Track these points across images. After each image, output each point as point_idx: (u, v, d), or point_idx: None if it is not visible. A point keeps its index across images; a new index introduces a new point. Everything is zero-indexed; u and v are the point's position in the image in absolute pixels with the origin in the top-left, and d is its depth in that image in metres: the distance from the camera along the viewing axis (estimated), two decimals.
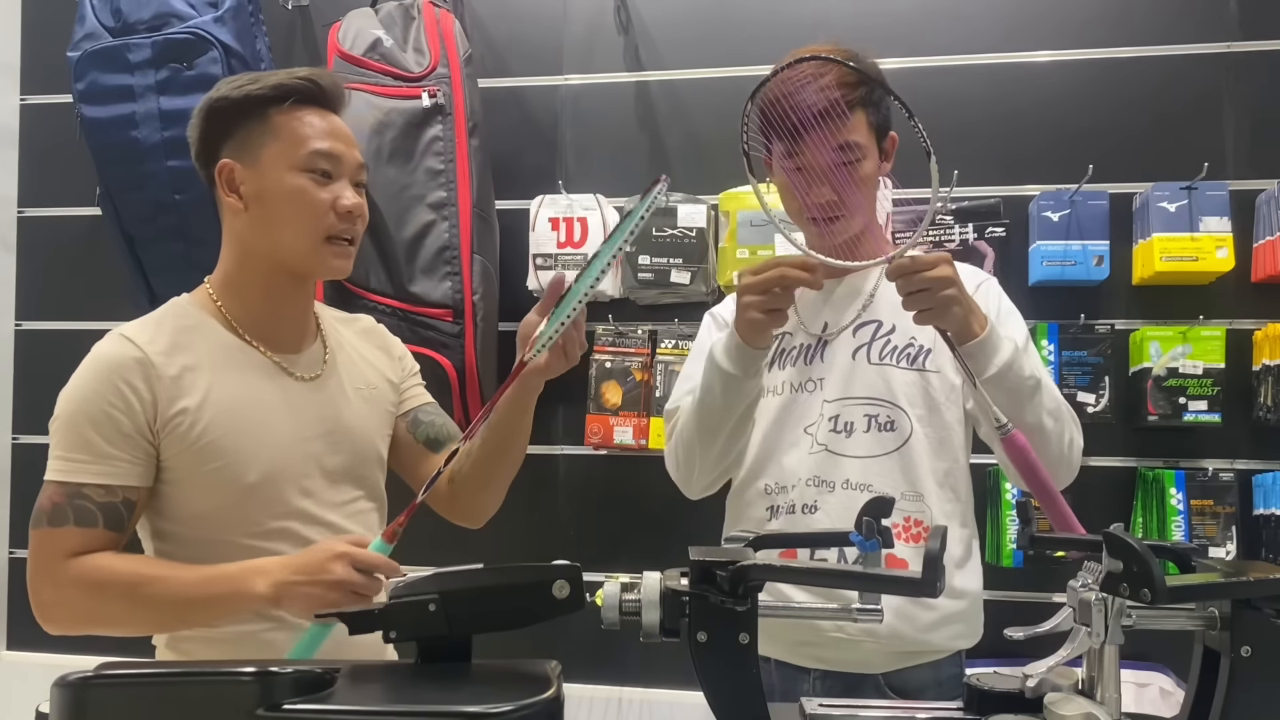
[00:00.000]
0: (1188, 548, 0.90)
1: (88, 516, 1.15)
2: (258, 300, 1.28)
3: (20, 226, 2.50)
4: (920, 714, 0.92)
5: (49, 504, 1.17)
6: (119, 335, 1.22)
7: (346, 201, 1.23)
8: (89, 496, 1.16)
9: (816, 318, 1.44)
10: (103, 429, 1.15)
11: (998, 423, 1.16)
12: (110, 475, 1.16)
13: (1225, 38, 2.09)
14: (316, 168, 1.22)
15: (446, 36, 2.08)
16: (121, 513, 1.17)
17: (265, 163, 1.22)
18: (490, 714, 0.62)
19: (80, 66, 2.04)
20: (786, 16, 2.22)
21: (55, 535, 1.15)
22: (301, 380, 1.29)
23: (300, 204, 1.22)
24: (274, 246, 1.24)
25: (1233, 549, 1.98)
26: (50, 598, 1.16)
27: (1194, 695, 0.84)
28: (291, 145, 1.22)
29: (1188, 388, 1.99)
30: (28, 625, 2.47)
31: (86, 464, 1.16)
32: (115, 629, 1.17)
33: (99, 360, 1.19)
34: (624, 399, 2.16)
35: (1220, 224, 1.98)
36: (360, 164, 1.28)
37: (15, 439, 2.47)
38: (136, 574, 1.14)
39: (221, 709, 0.64)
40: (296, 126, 1.23)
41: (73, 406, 1.17)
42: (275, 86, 1.22)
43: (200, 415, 1.18)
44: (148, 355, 1.18)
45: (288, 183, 1.21)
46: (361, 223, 1.27)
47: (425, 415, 1.43)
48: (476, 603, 0.78)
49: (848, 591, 0.97)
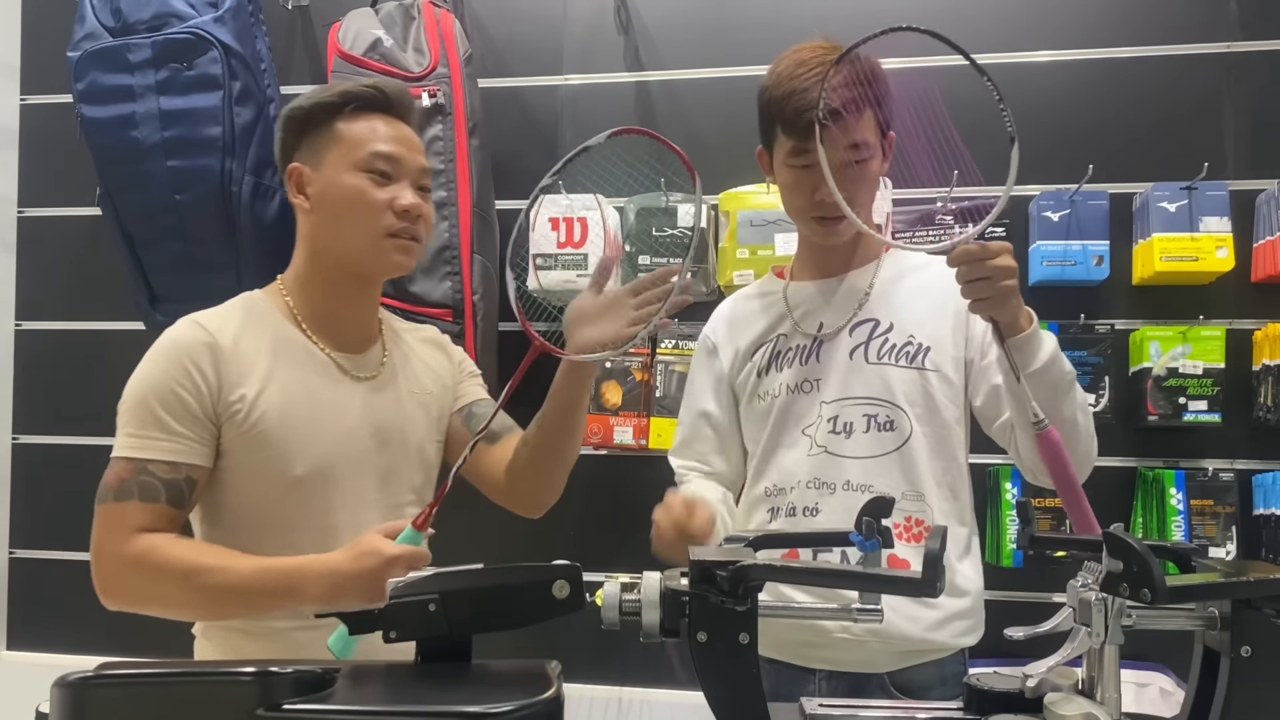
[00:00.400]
0: (1188, 548, 0.90)
1: (151, 492, 1.19)
2: (323, 298, 1.33)
3: (20, 226, 2.50)
4: (920, 714, 0.92)
5: (115, 480, 1.20)
6: (191, 320, 1.26)
7: (404, 200, 1.28)
8: (154, 473, 1.19)
9: (813, 318, 1.43)
10: (170, 408, 1.19)
11: (1035, 418, 1.15)
12: (175, 453, 1.20)
13: (1225, 38, 2.09)
14: (375, 169, 1.27)
15: (446, 36, 2.08)
16: (183, 490, 1.21)
17: (328, 165, 1.28)
18: (490, 714, 0.62)
19: (80, 66, 2.04)
20: (786, 16, 2.22)
21: (119, 510, 1.19)
22: (358, 380, 1.33)
23: (359, 203, 1.27)
24: (336, 244, 1.30)
25: (1233, 549, 1.98)
26: (111, 574, 1.20)
27: (1194, 695, 0.84)
28: (352, 148, 1.28)
29: (1188, 388, 1.99)
30: (28, 625, 2.47)
31: (153, 441, 1.19)
32: (169, 612, 1.21)
33: (170, 343, 1.23)
34: (624, 399, 2.16)
35: (1220, 224, 1.98)
36: (423, 168, 1.33)
37: (15, 439, 2.47)
38: (193, 562, 1.17)
39: (221, 709, 0.64)
40: (358, 131, 1.29)
41: (143, 387, 1.21)
42: (341, 94, 1.30)
43: (256, 405, 1.23)
44: (216, 340, 1.23)
45: (347, 183, 1.27)
46: (423, 223, 1.32)
47: (479, 409, 1.45)
48: (476, 603, 0.78)
49: (848, 591, 0.98)
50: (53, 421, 2.46)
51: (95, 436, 2.41)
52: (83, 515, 1.26)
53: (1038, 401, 1.17)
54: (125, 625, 2.32)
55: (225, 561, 1.18)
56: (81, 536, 1.26)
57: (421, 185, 1.32)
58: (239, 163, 2.03)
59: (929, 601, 1.30)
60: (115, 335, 2.43)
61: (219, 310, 1.30)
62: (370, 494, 1.31)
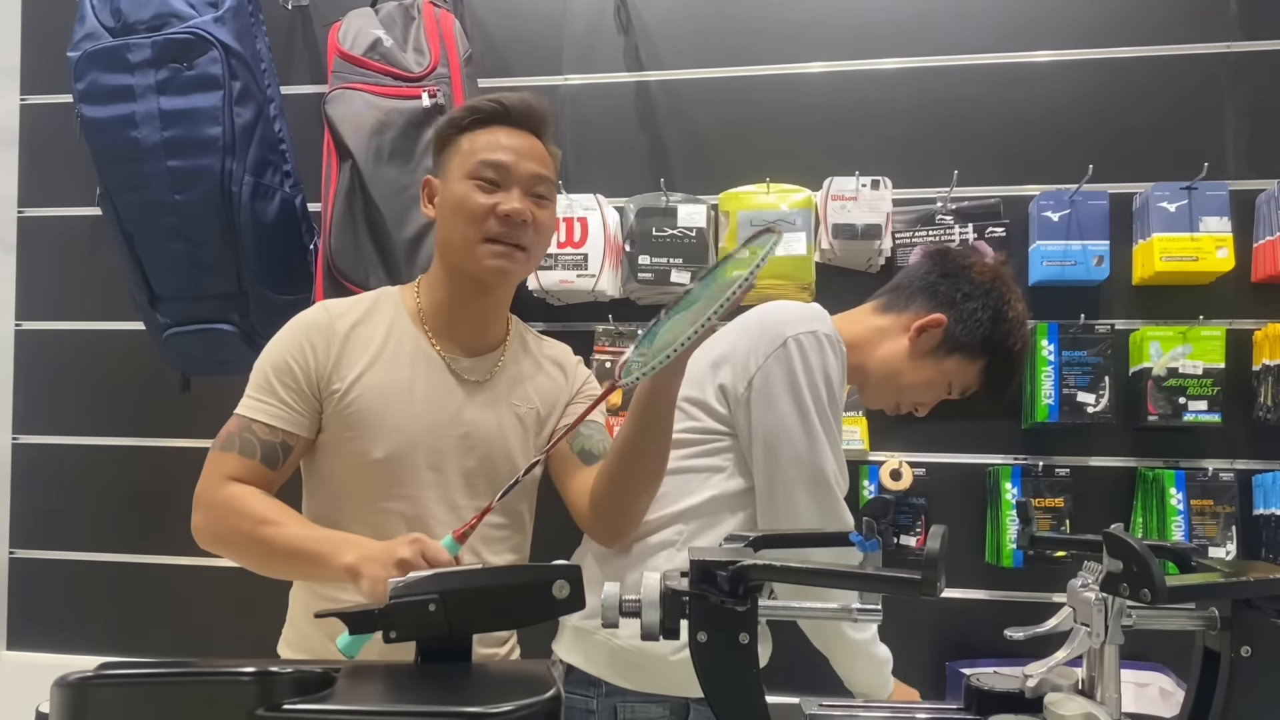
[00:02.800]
0: (1188, 548, 0.90)
1: (250, 448, 1.30)
2: (444, 299, 1.40)
3: (20, 226, 2.50)
4: (920, 714, 0.92)
5: (225, 433, 1.33)
6: (321, 305, 1.39)
7: (506, 206, 1.31)
8: (255, 432, 1.31)
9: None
10: (281, 377, 1.32)
11: None
12: (276, 417, 1.31)
13: (1225, 38, 2.09)
14: (483, 176, 1.33)
15: (446, 36, 2.08)
16: (278, 453, 1.32)
17: (448, 175, 1.37)
18: (490, 714, 0.62)
19: (80, 66, 2.03)
20: (786, 17, 2.22)
21: (220, 458, 1.31)
22: (465, 381, 1.38)
23: (462, 208, 1.33)
24: (447, 248, 1.37)
25: (1233, 549, 1.98)
26: (203, 513, 1.30)
27: (1194, 695, 0.84)
28: (466, 158, 1.35)
29: (1188, 388, 1.99)
30: (28, 625, 2.47)
31: (261, 404, 1.32)
32: (239, 559, 1.30)
33: (297, 321, 1.37)
34: (624, 399, 2.16)
35: (1220, 224, 1.98)
36: (535, 175, 1.35)
37: (15, 439, 2.47)
38: (263, 515, 1.25)
39: (221, 709, 0.64)
40: (476, 142, 1.36)
41: (267, 355, 1.35)
42: (467, 108, 1.38)
43: (354, 387, 1.32)
44: (335, 324, 1.35)
45: (456, 189, 1.34)
46: (531, 230, 1.34)
47: (585, 429, 1.45)
48: (476, 603, 0.78)
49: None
50: (53, 421, 2.45)
51: (95, 436, 2.41)
52: (83, 515, 1.26)
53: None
54: (125, 625, 2.33)
55: (285, 519, 1.26)
56: (82, 536, 1.26)
57: (538, 194, 1.35)
58: (239, 163, 2.03)
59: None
60: (115, 335, 2.43)
61: (351, 299, 1.41)
62: (452, 492, 1.35)
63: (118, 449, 2.39)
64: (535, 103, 1.40)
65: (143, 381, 2.38)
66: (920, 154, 2.15)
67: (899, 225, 2.12)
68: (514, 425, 1.41)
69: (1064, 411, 2.01)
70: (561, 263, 2.12)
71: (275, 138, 2.10)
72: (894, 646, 1.49)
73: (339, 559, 1.18)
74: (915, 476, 2.08)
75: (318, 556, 1.21)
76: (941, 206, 2.11)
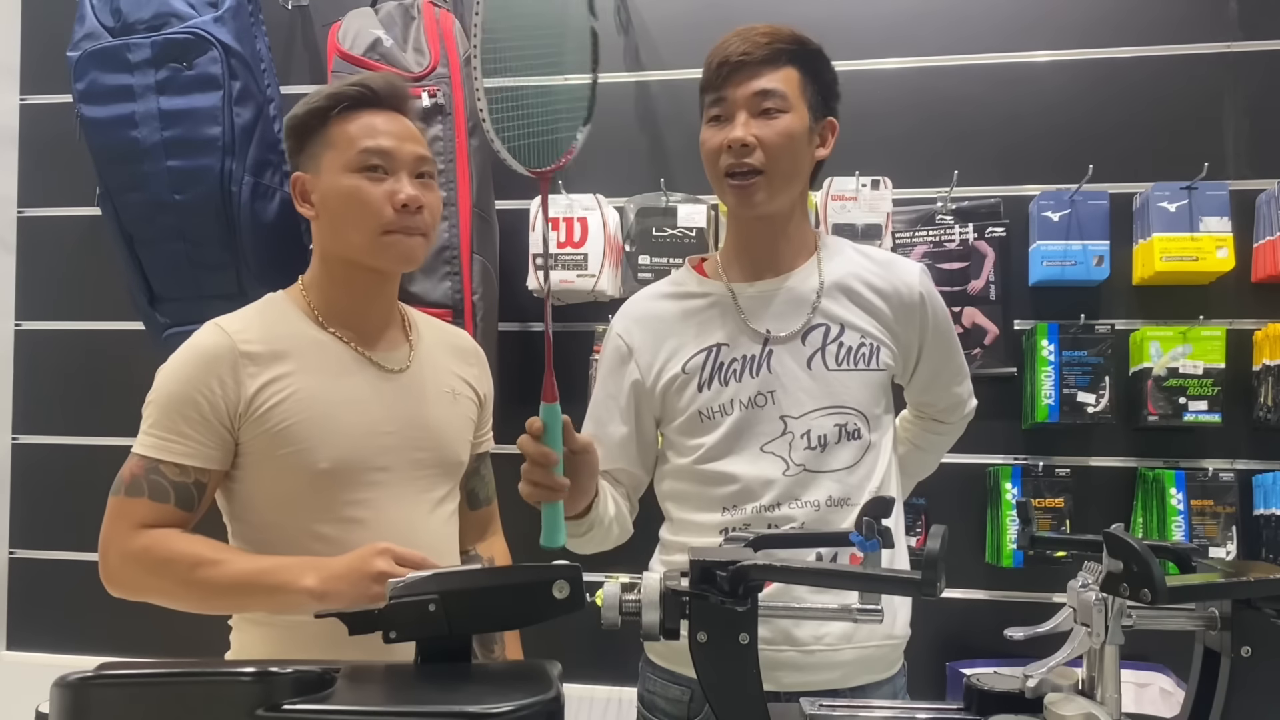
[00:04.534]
0: (1188, 548, 0.90)
1: (160, 492, 1.21)
2: (342, 296, 1.32)
3: (20, 226, 2.50)
4: (920, 714, 0.92)
5: (128, 475, 1.23)
6: (215, 325, 1.27)
7: (401, 195, 1.26)
8: (164, 474, 1.22)
9: (758, 325, 1.34)
10: (186, 413, 1.22)
11: None
12: (186, 455, 1.22)
13: (1225, 38, 2.09)
14: (368, 165, 1.26)
15: (446, 36, 2.08)
16: (193, 493, 1.23)
17: (324, 169, 1.28)
18: (490, 714, 0.62)
19: (80, 66, 2.03)
20: (786, 17, 2.21)
21: (129, 504, 1.22)
22: (388, 372, 1.33)
23: (356, 203, 1.26)
24: (343, 247, 1.29)
25: (1233, 549, 1.98)
26: (115, 564, 1.22)
27: (1194, 695, 0.84)
28: (343, 148, 1.27)
29: (1188, 388, 1.99)
30: (28, 625, 2.47)
31: (166, 442, 1.22)
32: (170, 604, 1.22)
33: (194, 348, 1.26)
34: None
35: (1220, 224, 1.98)
36: (419, 156, 1.30)
37: (15, 439, 2.47)
38: (196, 555, 1.18)
39: (221, 709, 0.64)
40: (349, 130, 1.27)
41: (164, 388, 1.24)
42: (329, 96, 1.28)
43: (280, 403, 1.24)
44: (238, 345, 1.24)
45: (343, 184, 1.26)
46: (427, 213, 1.30)
47: (484, 468, 1.48)
48: (476, 603, 0.78)
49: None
50: (53, 421, 2.46)
51: (95, 436, 2.41)
52: (83, 515, 1.26)
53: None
54: (125, 625, 2.33)
55: (223, 555, 1.19)
56: (81, 536, 1.27)
57: (422, 174, 1.30)
58: (239, 163, 2.03)
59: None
60: (115, 335, 2.43)
61: (242, 313, 1.31)
62: (405, 488, 1.31)
63: (118, 449, 2.37)
64: (397, 82, 1.33)
65: (143, 381, 2.36)
66: (920, 154, 2.15)
67: (899, 225, 2.12)
68: (450, 411, 1.37)
69: (1064, 411, 2.01)
70: (561, 263, 2.12)
71: (275, 138, 2.10)
72: None
73: (299, 584, 1.13)
74: None
75: (273, 587, 1.15)
76: (941, 206, 2.10)
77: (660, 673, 1.37)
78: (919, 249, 2.10)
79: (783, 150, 1.28)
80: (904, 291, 1.35)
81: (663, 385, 1.36)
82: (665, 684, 1.36)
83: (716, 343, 1.34)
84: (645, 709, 1.40)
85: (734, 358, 1.33)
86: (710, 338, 1.34)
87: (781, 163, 1.28)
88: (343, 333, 1.31)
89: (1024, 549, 1.02)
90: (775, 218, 1.34)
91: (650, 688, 1.39)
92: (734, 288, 1.36)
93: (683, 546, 1.34)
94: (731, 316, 1.35)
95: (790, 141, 1.28)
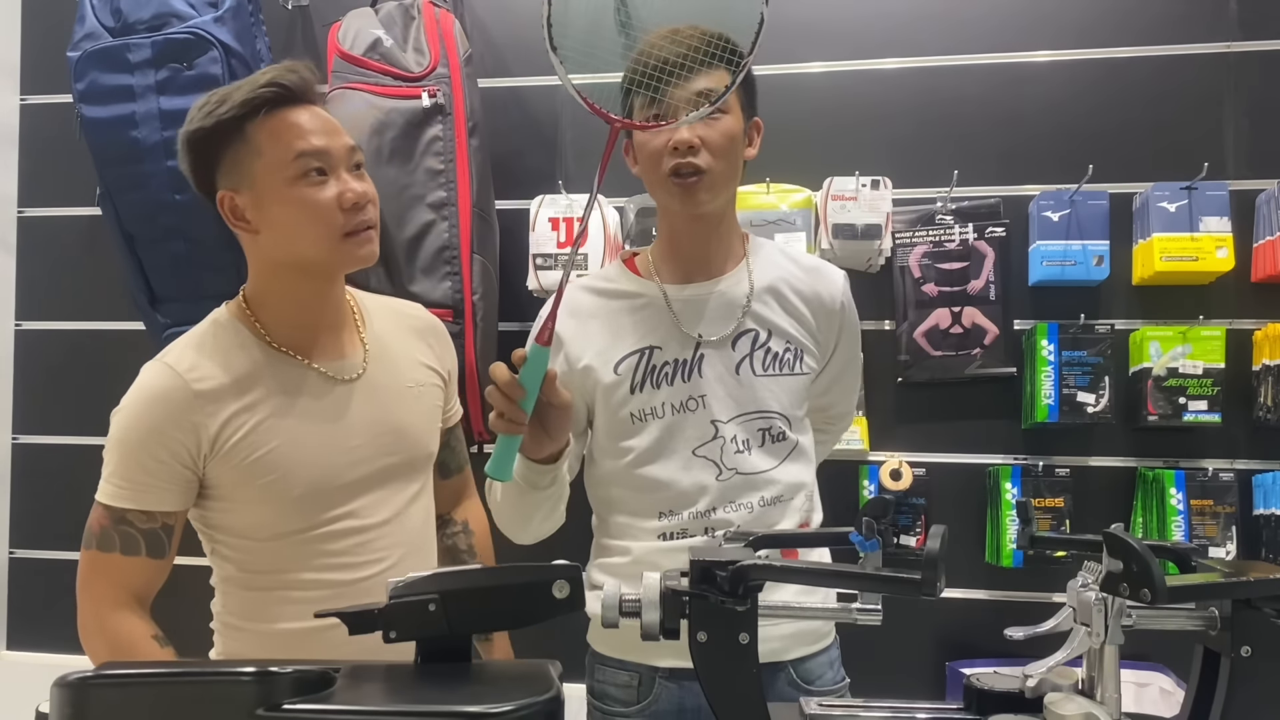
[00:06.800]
0: (1188, 548, 0.90)
1: (131, 543, 1.21)
2: (289, 309, 1.29)
3: (20, 226, 2.50)
4: (920, 714, 0.92)
5: (97, 527, 1.23)
6: (164, 365, 1.23)
7: (350, 195, 1.22)
8: (132, 522, 1.21)
9: (691, 329, 1.36)
10: (143, 461, 1.20)
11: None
12: (151, 502, 1.21)
13: (1225, 38, 2.09)
14: (309, 169, 1.21)
15: (446, 36, 2.08)
16: (162, 537, 1.23)
17: (259, 182, 1.22)
18: (490, 714, 0.62)
19: (80, 66, 2.03)
20: (786, 17, 2.21)
21: (103, 560, 1.21)
22: (345, 382, 1.30)
23: (307, 214, 1.21)
24: (298, 260, 1.25)
25: (1233, 549, 1.98)
26: (90, 631, 1.22)
27: (1194, 695, 0.84)
28: (276, 156, 1.21)
29: (1188, 388, 1.99)
30: (28, 625, 2.47)
31: (130, 491, 1.21)
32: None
33: (145, 393, 1.22)
34: None
35: (1220, 224, 1.98)
36: (350, 147, 1.27)
37: (15, 439, 2.47)
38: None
39: (221, 709, 0.64)
40: (276, 134, 1.21)
41: (120, 434, 1.22)
42: (242, 104, 1.21)
43: (245, 436, 1.22)
44: (190, 386, 1.21)
45: (288, 196, 1.21)
46: (373, 207, 1.26)
47: (454, 439, 1.46)
48: (476, 603, 0.78)
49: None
50: (53, 421, 2.45)
51: (95, 436, 2.39)
52: (83, 515, 1.26)
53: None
54: None
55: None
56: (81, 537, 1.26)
57: (356, 164, 1.27)
58: None
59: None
60: (115, 335, 2.43)
61: (190, 345, 1.26)
62: (377, 492, 1.31)
63: None
64: (305, 71, 1.26)
65: None
66: (920, 154, 2.15)
67: (899, 225, 2.12)
68: (415, 407, 1.36)
69: (1064, 411, 2.01)
70: (561, 263, 2.12)
71: None
72: (894, 646, 1.49)
73: None
74: (915, 476, 2.08)
75: None
76: (941, 206, 2.10)
77: (608, 661, 1.41)
78: (919, 249, 2.10)
79: (725, 150, 1.30)
80: (827, 299, 1.40)
81: (592, 380, 1.36)
82: (614, 671, 1.40)
83: (650, 345, 1.35)
84: (595, 699, 1.44)
85: (666, 361, 1.35)
86: (643, 340, 1.36)
87: (724, 162, 1.31)
88: (296, 350, 1.28)
89: (1024, 549, 1.03)
90: (710, 217, 1.36)
91: (599, 677, 1.43)
92: (667, 289, 1.38)
93: (623, 550, 1.37)
94: (665, 319, 1.36)
95: (732, 142, 1.31)
